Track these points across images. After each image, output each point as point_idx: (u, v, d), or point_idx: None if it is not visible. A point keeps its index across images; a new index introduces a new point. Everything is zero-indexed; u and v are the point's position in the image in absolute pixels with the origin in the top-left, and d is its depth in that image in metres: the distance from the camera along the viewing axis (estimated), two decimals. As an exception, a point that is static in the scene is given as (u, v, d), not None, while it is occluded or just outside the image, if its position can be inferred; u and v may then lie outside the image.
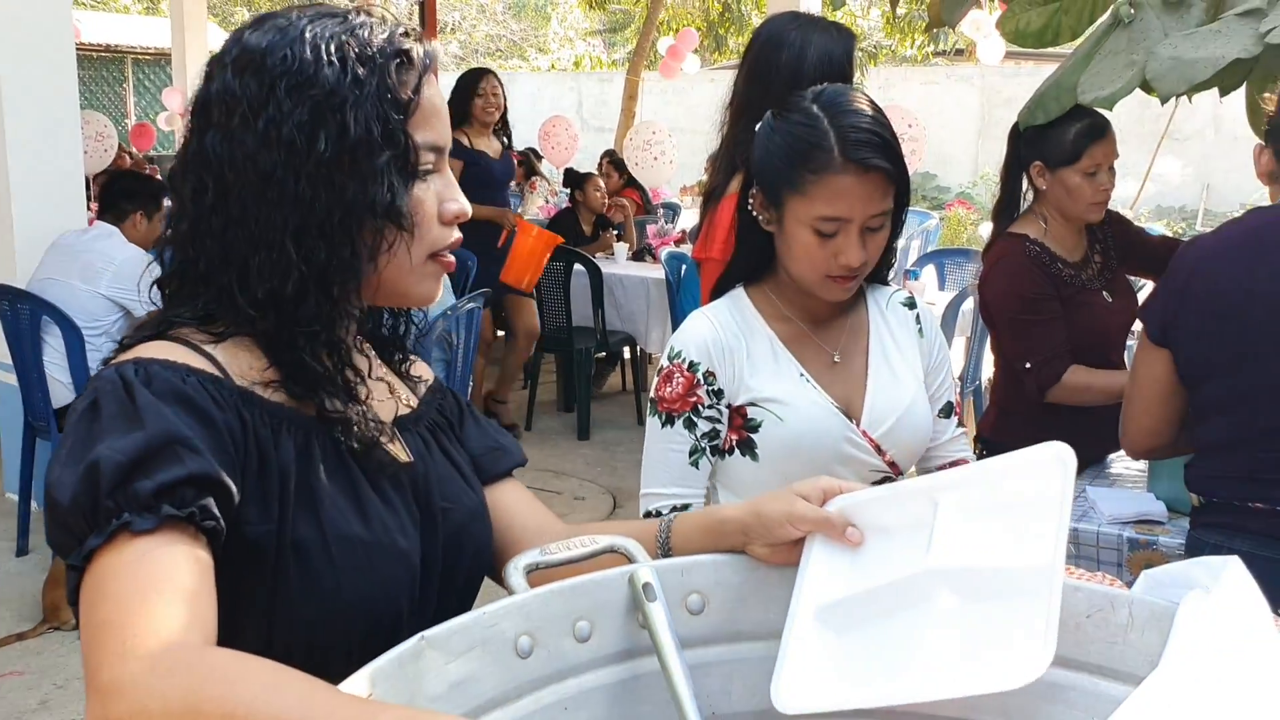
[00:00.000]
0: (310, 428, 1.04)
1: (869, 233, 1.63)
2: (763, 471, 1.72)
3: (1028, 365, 2.68)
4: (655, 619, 0.95)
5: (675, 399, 1.72)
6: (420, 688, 0.83)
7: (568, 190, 8.05)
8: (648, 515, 1.72)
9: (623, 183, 8.60)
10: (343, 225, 1.01)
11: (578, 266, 6.15)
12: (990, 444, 2.84)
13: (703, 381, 1.72)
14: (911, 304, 1.85)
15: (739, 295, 1.79)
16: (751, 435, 1.72)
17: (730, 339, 1.73)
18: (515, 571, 0.99)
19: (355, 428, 1.05)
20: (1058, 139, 2.67)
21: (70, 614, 3.72)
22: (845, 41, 2.54)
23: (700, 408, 1.72)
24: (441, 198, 1.09)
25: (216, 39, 17.49)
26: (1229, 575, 0.95)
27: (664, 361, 1.76)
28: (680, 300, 5.73)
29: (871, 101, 1.70)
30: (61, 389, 4.17)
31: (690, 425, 1.72)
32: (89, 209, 5.08)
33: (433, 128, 1.07)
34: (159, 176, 7.38)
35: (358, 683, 0.79)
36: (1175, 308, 2.12)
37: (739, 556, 1.06)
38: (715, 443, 1.74)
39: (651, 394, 1.75)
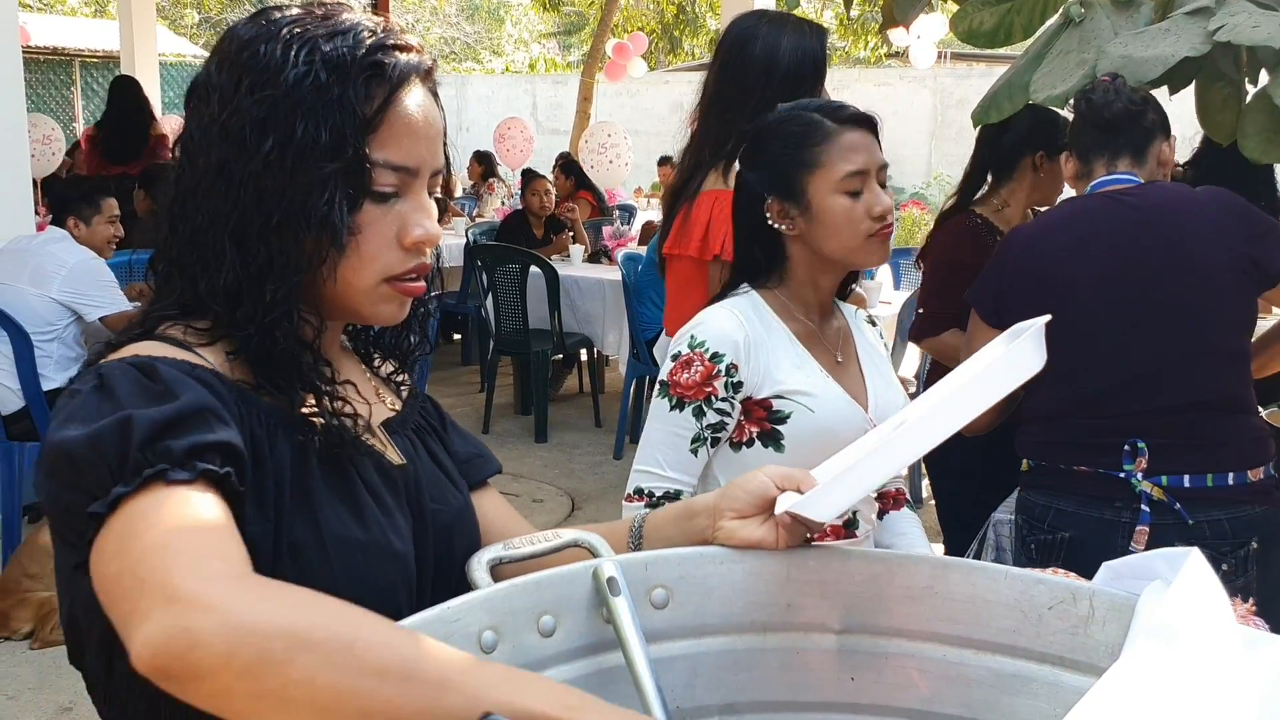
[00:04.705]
0: (305, 430, 1.02)
1: (881, 188, 1.78)
2: (787, 461, 1.75)
3: (919, 310, 3.03)
4: (619, 613, 0.94)
5: (690, 385, 1.75)
6: (383, 685, 0.82)
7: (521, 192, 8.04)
8: (638, 492, 1.75)
9: (572, 186, 8.57)
10: (279, 230, 0.99)
11: (534, 269, 6.13)
12: None
13: (724, 373, 1.75)
14: (873, 323, 2.02)
15: (753, 295, 1.85)
16: (778, 426, 1.77)
17: (757, 334, 1.78)
18: (478, 566, 0.98)
19: (331, 432, 1.04)
20: (1060, 133, 2.86)
21: (21, 623, 3.65)
22: (818, 36, 2.59)
23: (714, 398, 1.75)
24: (405, 221, 1.03)
25: (165, 41, 17.29)
26: (1189, 566, 0.95)
27: (680, 348, 1.78)
28: (636, 302, 5.73)
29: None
30: (10, 396, 4.10)
31: (699, 414, 1.76)
32: (37, 213, 5.00)
33: (400, 147, 1.02)
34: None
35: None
36: (1005, 289, 2.30)
37: (704, 549, 1.05)
38: (718, 435, 1.78)
39: (663, 376, 1.78)
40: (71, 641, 1.01)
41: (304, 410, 1.03)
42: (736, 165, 2.49)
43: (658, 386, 1.80)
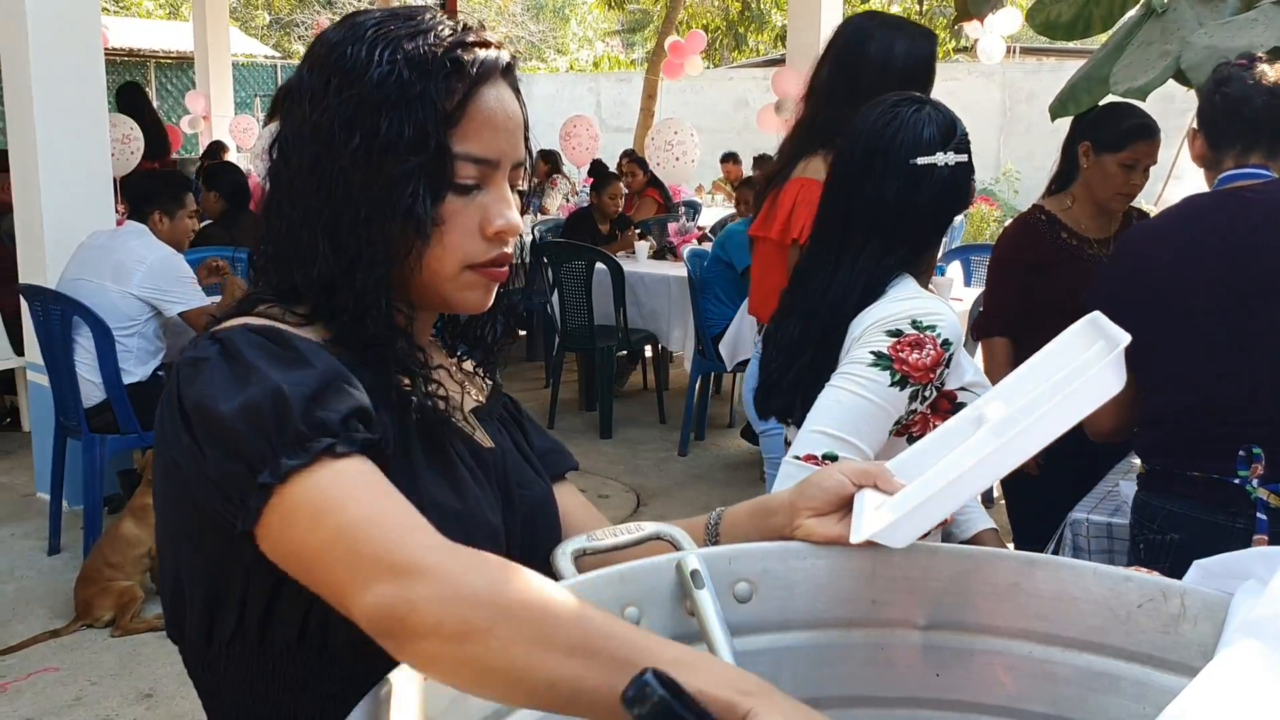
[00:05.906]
0: (404, 406, 1.06)
1: None
2: None
3: (981, 308, 3.10)
4: (703, 606, 0.94)
5: (920, 368, 1.67)
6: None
7: (589, 186, 8.04)
8: (828, 458, 1.63)
9: (646, 181, 8.58)
10: (367, 224, 1.02)
11: (599, 265, 6.15)
12: None
13: (945, 364, 1.69)
14: None
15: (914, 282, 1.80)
16: None
17: None
18: (563, 556, 0.99)
19: (426, 411, 1.07)
20: (1112, 126, 2.81)
21: (103, 611, 3.74)
22: (930, 42, 2.65)
23: (930, 386, 1.68)
24: (487, 212, 1.07)
25: (236, 42, 17.57)
26: (1286, 563, 0.93)
27: (906, 329, 1.70)
28: (701, 298, 5.73)
29: None
30: (92, 389, 4.19)
31: (914, 398, 1.68)
32: (117, 210, 5.11)
33: (481, 139, 1.05)
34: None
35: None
36: (1122, 291, 2.23)
37: (786, 544, 1.05)
38: (900, 424, 1.71)
39: (886, 350, 1.68)
40: (173, 613, 1.04)
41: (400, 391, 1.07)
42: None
43: (871, 356, 1.68)
